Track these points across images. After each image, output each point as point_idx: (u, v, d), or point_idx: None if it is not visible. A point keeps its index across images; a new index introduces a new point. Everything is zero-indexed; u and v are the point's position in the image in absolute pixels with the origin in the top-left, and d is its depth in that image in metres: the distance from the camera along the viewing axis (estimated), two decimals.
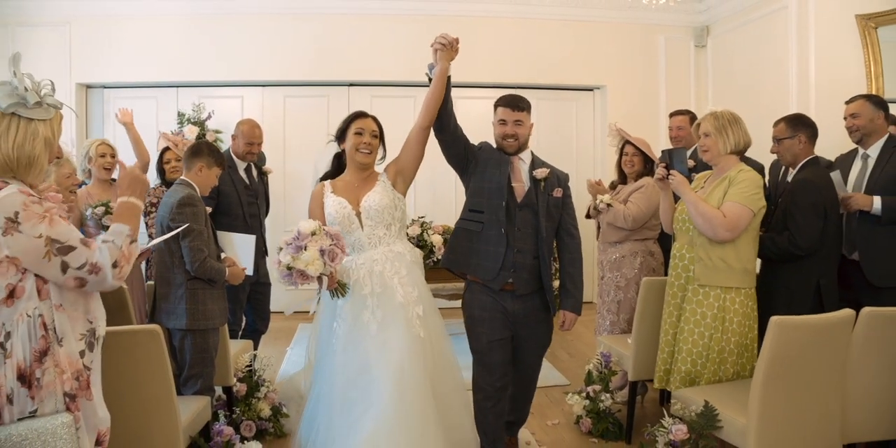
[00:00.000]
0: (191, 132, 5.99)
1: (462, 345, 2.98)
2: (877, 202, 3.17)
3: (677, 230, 3.05)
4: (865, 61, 4.81)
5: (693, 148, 3.97)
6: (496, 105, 2.96)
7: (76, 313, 1.83)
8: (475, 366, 2.93)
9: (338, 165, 2.99)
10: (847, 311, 2.47)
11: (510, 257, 2.82)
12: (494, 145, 2.98)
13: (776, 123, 3.35)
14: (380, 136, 2.91)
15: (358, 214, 2.80)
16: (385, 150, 2.95)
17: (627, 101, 6.93)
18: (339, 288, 2.58)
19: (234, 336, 3.93)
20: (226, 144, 5.73)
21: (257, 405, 3.36)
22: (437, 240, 4.75)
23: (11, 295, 1.72)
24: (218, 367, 3.10)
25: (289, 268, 2.41)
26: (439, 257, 4.73)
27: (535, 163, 2.97)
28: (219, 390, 3.26)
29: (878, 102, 3.42)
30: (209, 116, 6.26)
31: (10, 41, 6.34)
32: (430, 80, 2.75)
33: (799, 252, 3.03)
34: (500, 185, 2.84)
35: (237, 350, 3.46)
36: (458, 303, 6.18)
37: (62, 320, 1.79)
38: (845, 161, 3.49)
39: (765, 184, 3.37)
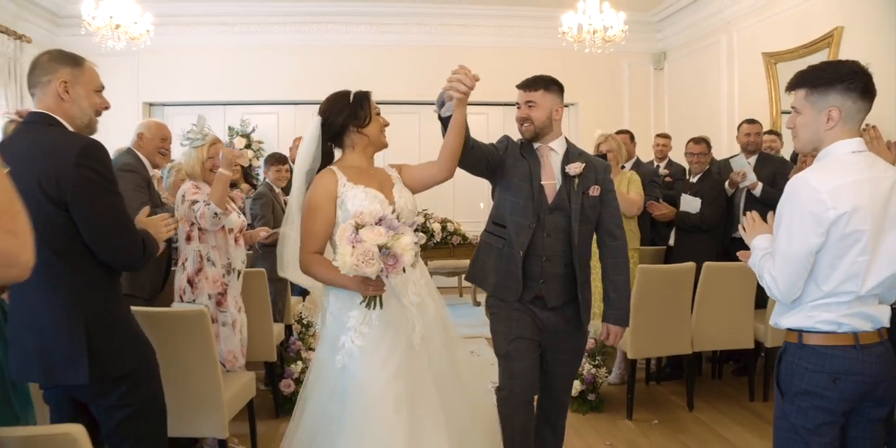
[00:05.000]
0: (239, 142, 7.44)
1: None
2: (759, 187, 4.55)
3: None
4: (769, 89, 6.18)
5: None
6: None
7: (221, 252, 3.28)
8: (500, 372, 2.62)
9: (326, 156, 2.40)
10: (689, 264, 3.90)
11: (538, 267, 2.54)
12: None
13: (697, 143, 4.76)
14: None
15: (393, 211, 2.20)
16: None
17: (596, 116, 8.26)
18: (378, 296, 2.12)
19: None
20: (266, 152, 7.28)
21: (308, 339, 4.78)
22: (436, 227, 6.16)
23: (188, 238, 3.22)
24: (284, 309, 4.53)
25: (386, 247, 1.94)
26: (438, 240, 6.13)
27: (570, 154, 2.62)
28: None
29: None
30: (253, 130, 7.71)
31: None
32: (440, 118, 2.35)
33: (704, 227, 4.51)
34: (527, 203, 2.54)
35: (293, 302, 4.87)
36: (455, 281, 7.65)
37: (214, 254, 3.25)
38: (726, 165, 4.89)
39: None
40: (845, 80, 1.75)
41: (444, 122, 2.33)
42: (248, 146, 7.52)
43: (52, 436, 1.29)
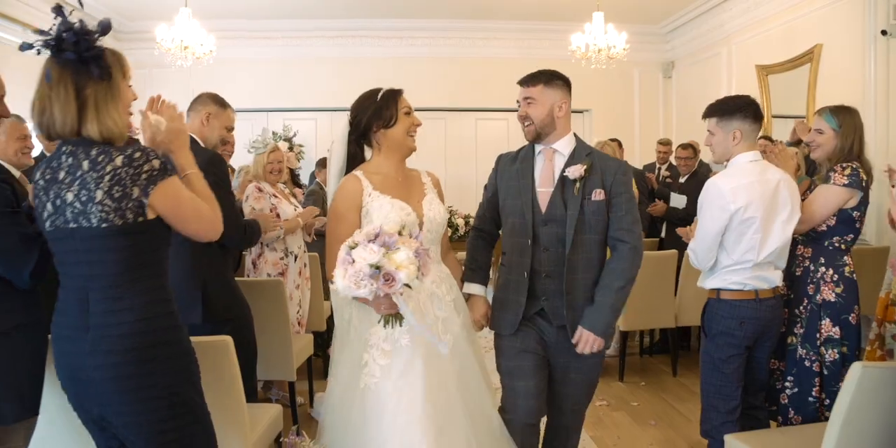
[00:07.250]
0: (282, 146, 8.23)
1: None
2: None
3: None
4: (761, 99, 6.82)
5: None
6: None
7: (280, 241, 4.03)
8: (503, 392, 2.44)
9: (353, 158, 2.37)
10: (672, 251, 4.60)
11: (538, 285, 2.35)
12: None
13: (685, 148, 5.47)
14: None
15: (420, 224, 2.22)
16: None
17: (609, 122, 8.89)
18: (396, 314, 2.01)
19: None
20: (306, 154, 8.16)
21: None
22: (460, 222, 6.90)
23: None
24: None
25: (376, 267, 1.84)
26: (461, 234, 6.87)
27: (577, 155, 2.35)
28: None
29: None
30: (295, 134, 8.52)
31: (148, 79, 8.63)
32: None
33: (689, 221, 5.13)
34: (523, 220, 2.35)
35: None
36: None
37: (273, 244, 4.00)
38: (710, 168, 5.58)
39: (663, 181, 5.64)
40: (742, 109, 2.49)
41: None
42: (290, 149, 8.32)
43: (214, 342, 2.05)
